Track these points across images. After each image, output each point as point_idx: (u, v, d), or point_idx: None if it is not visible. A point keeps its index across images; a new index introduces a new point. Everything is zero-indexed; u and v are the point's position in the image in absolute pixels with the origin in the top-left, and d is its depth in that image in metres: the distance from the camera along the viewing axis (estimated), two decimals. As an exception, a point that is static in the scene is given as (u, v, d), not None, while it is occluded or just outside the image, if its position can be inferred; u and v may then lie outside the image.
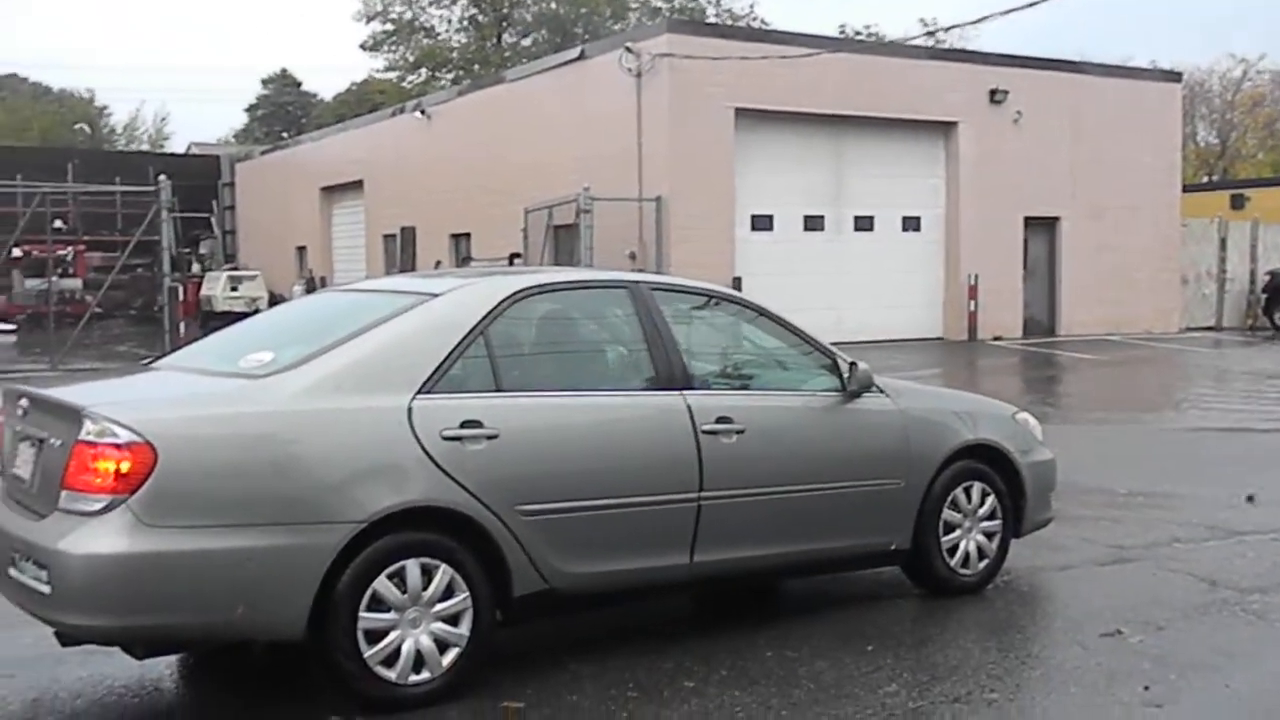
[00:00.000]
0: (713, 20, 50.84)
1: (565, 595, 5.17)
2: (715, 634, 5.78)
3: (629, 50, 22.57)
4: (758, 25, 50.25)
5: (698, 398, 5.58)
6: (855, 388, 6.05)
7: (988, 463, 6.48)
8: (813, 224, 24.13)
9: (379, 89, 55.82)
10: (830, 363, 6.13)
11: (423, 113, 30.23)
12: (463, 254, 28.04)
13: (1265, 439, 12.80)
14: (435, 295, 5.38)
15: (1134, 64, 38.37)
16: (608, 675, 5.14)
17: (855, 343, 16.60)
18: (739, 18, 54.63)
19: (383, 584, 4.69)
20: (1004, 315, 25.31)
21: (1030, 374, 20.52)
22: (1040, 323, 26.41)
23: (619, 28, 50.57)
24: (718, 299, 6.36)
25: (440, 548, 4.82)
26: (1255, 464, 10.80)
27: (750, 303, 6.35)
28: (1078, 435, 11.94)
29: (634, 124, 22.39)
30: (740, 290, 11.81)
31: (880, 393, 6.19)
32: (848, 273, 24.04)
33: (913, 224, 25.21)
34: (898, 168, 24.76)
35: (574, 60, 25.10)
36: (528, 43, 56.07)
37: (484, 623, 4.91)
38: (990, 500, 6.47)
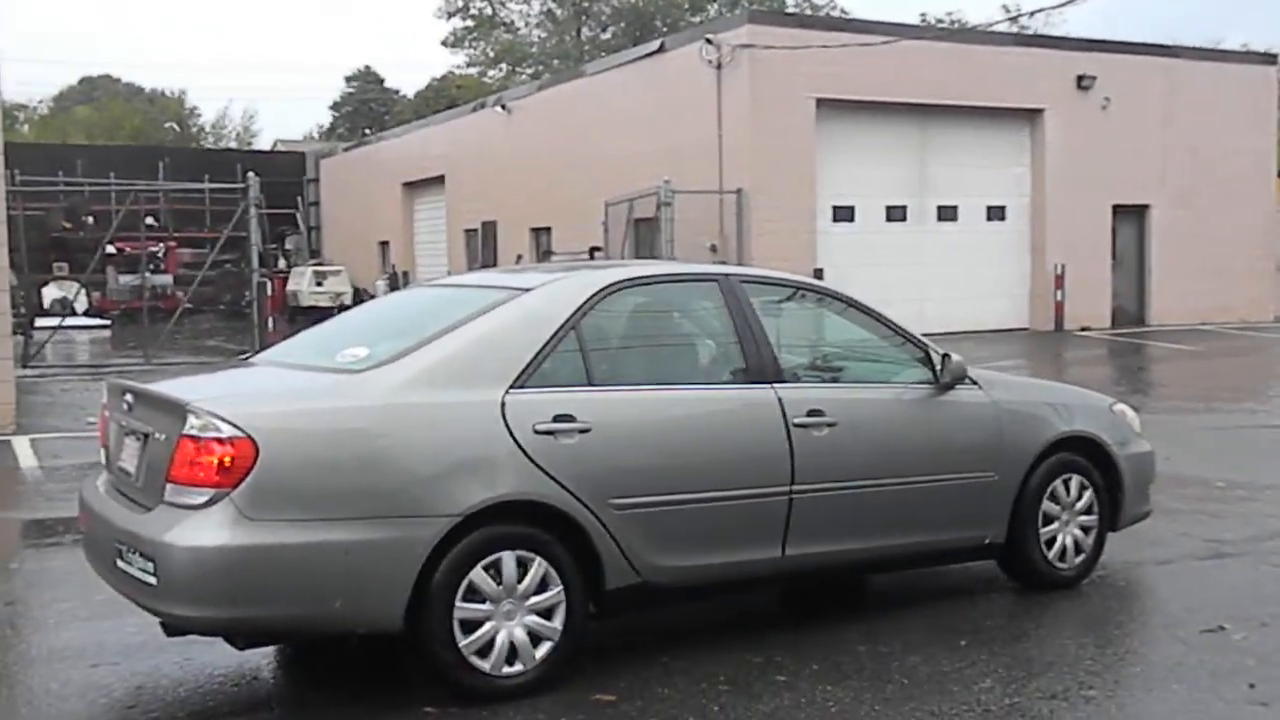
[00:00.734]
0: (793, 10, 50.51)
1: (657, 589, 5.18)
2: (805, 628, 5.76)
3: (709, 42, 22.48)
4: (838, 15, 49.86)
5: (789, 391, 5.56)
6: (948, 379, 5.99)
7: (1084, 455, 6.39)
8: (895, 214, 23.87)
9: (459, 84, 56.31)
10: (922, 354, 6.07)
11: (503, 107, 30.41)
12: (543, 248, 28.16)
13: (1368, 431, 12.44)
14: (527, 290, 5.40)
15: (1225, 46, 37.65)
16: (699, 669, 5.14)
17: (938, 334, 16.41)
18: (819, 7, 54.26)
19: (479, 575, 4.73)
20: (1092, 305, 24.84)
21: (1121, 364, 20.14)
22: (1129, 312, 25.90)
23: (698, 20, 50.50)
24: (806, 291, 6.34)
25: (535, 541, 4.86)
26: (1359, 457, 10.52)
27: (840, 294, 6.29)
28: (1173, 426, 11.70)
29: (714, 116, 22.30)
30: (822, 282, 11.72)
31: (973, 385, 6.12)
32: (930, 263, 23.75)
33: (998, 213, 24.83)
34: (982, 156, 24.39)
35: (653, 53, 25.05)
36: (606, 36, 56.19)
37: (577, 616, 4.94)
38: (1087, 494, 6.38)
